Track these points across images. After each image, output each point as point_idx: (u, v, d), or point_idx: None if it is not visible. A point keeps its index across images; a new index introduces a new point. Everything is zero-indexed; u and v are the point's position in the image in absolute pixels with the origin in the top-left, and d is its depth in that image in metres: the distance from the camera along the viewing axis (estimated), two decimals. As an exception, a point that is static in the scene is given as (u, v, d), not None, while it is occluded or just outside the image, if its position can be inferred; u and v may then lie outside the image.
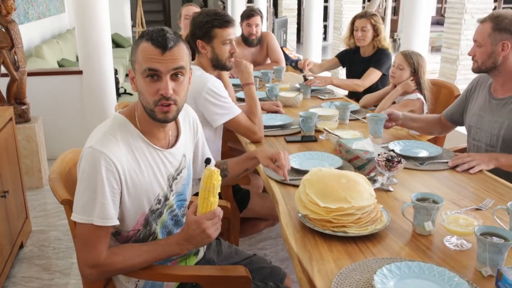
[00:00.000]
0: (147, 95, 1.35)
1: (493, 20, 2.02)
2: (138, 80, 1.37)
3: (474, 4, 5.28)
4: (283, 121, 2.54)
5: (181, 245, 1.38)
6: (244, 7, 9.05)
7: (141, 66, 1.34)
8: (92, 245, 1.33)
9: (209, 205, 1.33)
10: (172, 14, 15.55)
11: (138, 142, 1.40)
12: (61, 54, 6.38)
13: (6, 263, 2.50)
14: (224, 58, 2.24)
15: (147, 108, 1.37)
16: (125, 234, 1.44)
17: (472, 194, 1.71)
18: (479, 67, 2.09)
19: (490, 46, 2.03)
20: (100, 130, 1.38)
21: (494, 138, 2.09)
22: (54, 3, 7.55)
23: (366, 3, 9.58)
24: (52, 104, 4.32)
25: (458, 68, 5.33)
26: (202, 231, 1.32)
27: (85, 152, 1.33)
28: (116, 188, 1.33)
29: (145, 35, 1.35)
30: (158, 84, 1.34)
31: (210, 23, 2.17)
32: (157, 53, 1.32)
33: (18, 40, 3.53)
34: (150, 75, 1.34)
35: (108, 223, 1.32)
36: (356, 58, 3.59)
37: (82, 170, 1.32)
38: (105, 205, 1.31)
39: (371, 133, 2.25)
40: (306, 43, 7.75)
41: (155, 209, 1.45)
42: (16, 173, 2.89)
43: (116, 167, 1.31)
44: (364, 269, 1.22)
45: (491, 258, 1.19)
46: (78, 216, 1.32)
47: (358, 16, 3.47)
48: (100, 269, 1.35)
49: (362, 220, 1.38)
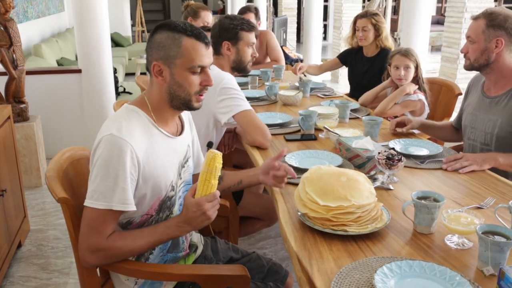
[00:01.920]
0: (191, 87, 1.43)
1: (487, 16, 2.01)
2: (177, 73, 1.42)
3: (475, 3, 5.26)
4: (282, 120, 2.52)
5: (180, 227, 1.39)
6: (243, 5, 9.03)
7: (190, 62, 1.41)
8: (98, 229, 1.34)
9: (209, 188, 1.34)
10: (172, 13, 15.53)
11: (152, 129, 1.44)
12: (61, 53, 6.37)
13: (4, 263, 2.49)
14: (246, 60, 2.37)
15: (185, 98, 1.44)
16: (137, 220, 1.45)
17: (473, 192, 1.69)
18: (472, 64, 2.08)
19: (484, 43, 2.02)
20: (117, 119, 1.40)
21: (488, 136, 2.08)
22: (53, 2, 7.54)
23: (366, 2, 9.55)
24: (51, 103, 4.31)
25: (459, 67, 5.31)
26: (202, 213, 1.34)
27: (104, 139, 1.34)
28: (134, 174, 1.35)
29: (182, 31, 1.40)
30: (201, 76, 1.45)
31: (239, 26, 2.31)
32: (204, 49, 1.43)
33: (17, 39, 3.51)
34: (196, 70, 1.43)
35: (128, 208, 1.35)
36: (358, 58, 3.57)
37: (102, 157, 1.33)
38: (126, 191, 1.33)
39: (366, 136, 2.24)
40: (306, 43, 7.74)
41: (170, 196, 1.48)
42: (15, 172, 2.88)
43: (136, 154, 1.34)
44: (365, 268, 1.21)
45: (493, 257, 1.17)
46: (95, 202, 1.32)
47: (359, 16, 3.46)
48: (102, 254, 1.36)
49: (362, 218, 1.37)
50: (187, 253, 1.60)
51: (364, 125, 2.26)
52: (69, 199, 1.41)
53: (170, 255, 1.55)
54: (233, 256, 1.77)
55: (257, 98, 3.07)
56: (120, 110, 1.46)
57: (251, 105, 2.90)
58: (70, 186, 1.55)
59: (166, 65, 1.42)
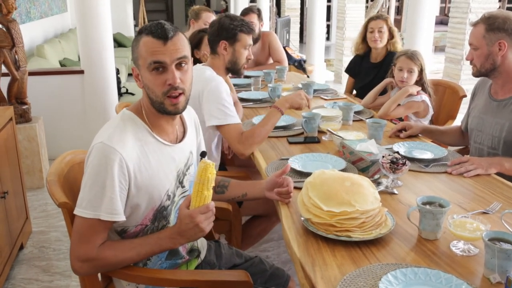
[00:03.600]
0: (155, 87, 1.36)
1: (485, 21, 2.00)
2: (143, 75, 1.38)
3: (479, 4, 5.24)
4: (285, 122, 2.51)
5: (173, 239, 1.36)
6: (246, 6, 9.02)
7: (146, 60, 1.35)
8: (88, 239, 1.32)
9: (202, 199, 1.31)
10: (175, 14, 15.53)
11: (147, 137, 1.41)
12: (63, 53, 6.37)
13: (6, 265, 2.48)
14: (241, 62, 2.32)
15: (156, 101, 1.38)
16: (132, 230, 1.43)
17: (478, 197, 1.67)
18: (479, 70, 2.07)
19: (486, 47, 2.00)
20: (111, 126, 1.39)
21: (495, 140, 2.06)
22: (56, 3, 7.54)
23: (369, 2, 9.53)
24: (53, 104, 4.30)
25: (463, 68, 5.28)
26: (195, 225, 1.31)
27: (95, 147, 1.33)
28: (124, 184, 1.33)
29: (144, 30, 1.37)
30: (164, 75, 1.36)
31: (239, 27, 2.27)
32: (159, 45, 1.34)
33: (19, 40, 3.51)
34: (155, 68, 1.35)
35: (115, 218, 1.32)
36: (364, 65, 3.53)
37: (92, 165, 1.32)
38: (114, 200, 1.31)
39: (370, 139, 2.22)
40: (309, 43, 7.72)
41: (166, 205, 1.45)
42: (16, 174, 2.87)
43: (126, 163, 1.32)
44: (369, 275, 1.19)
45: (499, 265, 1.15)
46: (83, 210, 1.31)
47: (373, 17, 3.42)
48: (91, 264, 1.34)
49: (366, 224, 1.35)
50: (187, 260, 1.58)
51: (367, 127, 2.24)
52: (69, 203, 1.40)
53: (168, 262, 1.53)
54: (236, 262, 1.75)
55: (260, 100, 3.06)
56: (116, 117, 1.44)
57: (254, 107, 2.91)
58: (71, 190, 1.53)
59: (137, 68, 1.41)
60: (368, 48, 3.51)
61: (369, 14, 9.58)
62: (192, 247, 1.62)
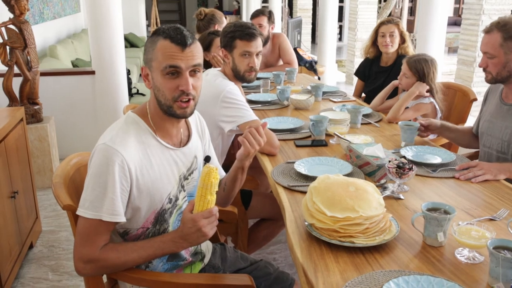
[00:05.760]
0: (167, 91, 1.38)
1: (501, 29, 1.96)
2: (155, 77, 1.40)
3: (492, 5, 5.17)
4: (293, 125, 2.50)
5: (176, 243, 1.37)
6: (259, 7, 9.02)
7: (161, 63, 1.36)
8: (91, 240, 1.34)
9: (206, 203, 1.31)
10: (188, 14, 15.58)
11: (150, 140, 1.42)
12: (76, 54, 6.42)
13: (15, 264, 2.51)
14: (242, 70, 2.27)
15: (165, 104, 1.39)
16: (134, 232, 1.44)
17: (485, 203, 1.65)
18: (495, 78, 2.03)
19: (504, 56, 1.97)
20: (114, 128, 1.40)
21: (505, 144, 2.03)
22: (69, 3, 7.60)
23: (382, 3, 9.48)
24: (64, 104, 4.35)
25: (475, 71, 5.22)
26: (197, 229, 1.32)
27: (98, 149, 1.35)
28: (125, 186, 1.34)
29: (162, 33, 1.38)
30: (177, 80, 1.37)
31: (233, 33, 2.24)
32: (178, 50, 1.35)
33: (31, 41, 3.55)
34: (170, 72, 1.37)
35: (116, 219, 1.34)
36: (374, 68, 3.51)
37: (94, 166, 1.34)
38: (115, 201, 1.32)
39: (403, 141, 2.21)
40: (321, 44, 7.70)
41: (167, 208, 1.46)
42: (27, 173, 2.90)
43: (128, 165, 1.33)
44: (371, 283, 1.18)
45: (504, 274, 1.14)
46: (85, 211, 1.33)
47: (384, 21, 3.38)
48: (94, 265, 1.35)
49: (370, 230, 1.34)
50: (190, 262, 1.59)
51: (400, 130, 2.23)
52: (74, 206, 1.41)
53: (170, 263, 1.53)
54: (240, 266, 1.75)
55: (269, 102, 3.05)
56: (121, 119, 1.46)
57: (262, 109, 2.91)
58: (77, 192, 1.54)
59: (148, 68, 1.42)
60: (378, 52, 3.49)
61: (381, 15, 9.53)
62: (196, 250, 1.62)
